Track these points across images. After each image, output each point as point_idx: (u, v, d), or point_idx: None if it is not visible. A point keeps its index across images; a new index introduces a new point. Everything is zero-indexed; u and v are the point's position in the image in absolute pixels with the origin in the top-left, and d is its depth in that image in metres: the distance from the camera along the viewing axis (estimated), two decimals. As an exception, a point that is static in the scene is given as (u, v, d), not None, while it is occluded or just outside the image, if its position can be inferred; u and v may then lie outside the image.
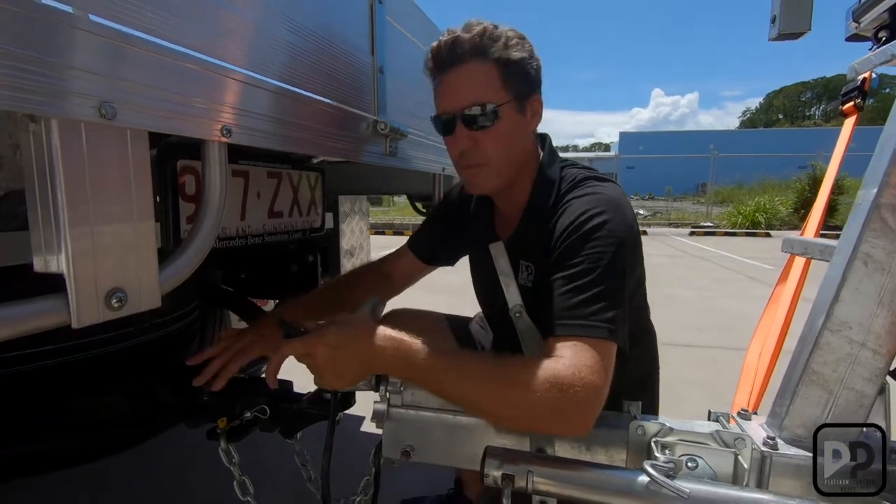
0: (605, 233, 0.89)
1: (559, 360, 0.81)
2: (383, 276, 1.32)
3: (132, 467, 1.88)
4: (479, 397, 0.83)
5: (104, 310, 0.48)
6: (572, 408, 0.79)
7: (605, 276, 0.87)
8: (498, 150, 0.98)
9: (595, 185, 1.00)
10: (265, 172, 1.07)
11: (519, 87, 0.96)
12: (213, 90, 0.60)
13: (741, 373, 1.19)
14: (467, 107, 0.94)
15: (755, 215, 13.42)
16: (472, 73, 0.94)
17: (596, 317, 0.84)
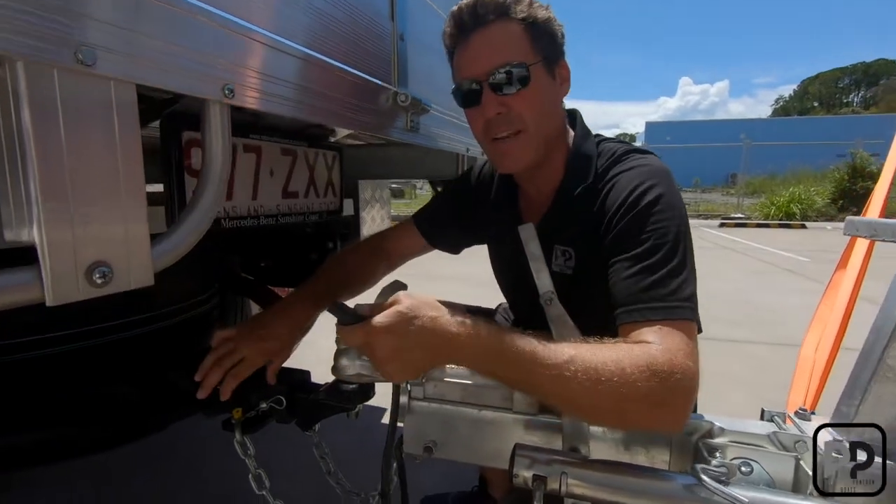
0: (665, 205, 0.83)
1: (650, 345, 0.72)
2: (383, 254, 1.21)
3: (147, 458, 1.88)
4: (574, 393, 0.71)
5: (85, 286, 0.42)
6: (672, 398, 0.70)
7: (675, 252, 0.80)
8: (533, 115, 0.90)
9: (639, 158, 0.92)
10: (279, 149, 1.01)
11: (547, 49, 0.90)
12: (213, 43, 0.54)
13: (796, 368, 1.09)
14: (496, 69, 0.86)
15: (789, 206, 12.94)
16: (499, 33, 0.87)
17: (675, 296, 0.78)
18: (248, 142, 0.93)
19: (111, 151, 0.44)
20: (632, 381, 0.68)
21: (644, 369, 0.69)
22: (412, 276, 1.22)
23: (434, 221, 1.20)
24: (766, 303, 4.52)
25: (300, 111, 0.69)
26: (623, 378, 0.68)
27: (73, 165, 0.41)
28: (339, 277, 1.11)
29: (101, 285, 0.43)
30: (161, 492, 1.72)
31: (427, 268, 1.25)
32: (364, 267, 1.16)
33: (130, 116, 0.46)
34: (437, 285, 4.63)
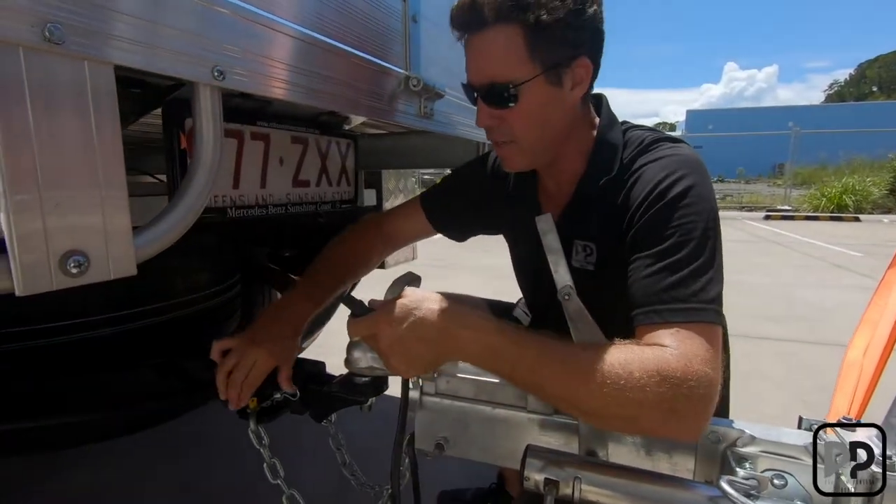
0: (694, 199, 0.76)
1: (664, 349, 0.68)
2: (385, 236, 1.16)
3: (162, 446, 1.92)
4: (579, 395, 0.68)
5: (58, 275, 0.41)
6: (686, 406, 0.65)
7: (701, 249, 0.74)
8: (525, 129, 0.84)
9: (669, 147, 0.85)
10: (289, 137, 0.99)
11: (553, 55, 0.79)
12: (201, 22, 0.51)
13: (840, 373, 1.00)
14: (485, 83, 0.81)
15: (842, 198, 12.22)
16: (492, 42, 0.78)
17: (697, 298, 0.71)
18: (256, 129, 0.91)
19: (86, 136, 0.42)
20: (640, 386, 0.64)
21: (654, 374, 0.65)
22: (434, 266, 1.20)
23: (443, 206, 1.13)
24: (812, 300, 4.28)
25: (300, 95, 0.67)
26: (631, 382, 0.65)
27: (43, 151, 0.40)
28: (338, 265, 1.07)
29: (77, 275, 0.42)
30: (176, 480, 1.75)
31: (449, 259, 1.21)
32: (365, 251, 1.12)
33: (108, 99, 0.44)
34: (458, 277, 4.60)
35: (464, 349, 0.72)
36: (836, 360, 1.02)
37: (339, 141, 1.16)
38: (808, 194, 13.57)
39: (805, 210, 12.48)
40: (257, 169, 0.93)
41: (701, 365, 0.67)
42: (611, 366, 0.66)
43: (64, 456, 1.80)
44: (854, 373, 0.97)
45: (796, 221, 11.27)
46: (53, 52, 0.39)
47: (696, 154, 0.84)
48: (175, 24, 0.49)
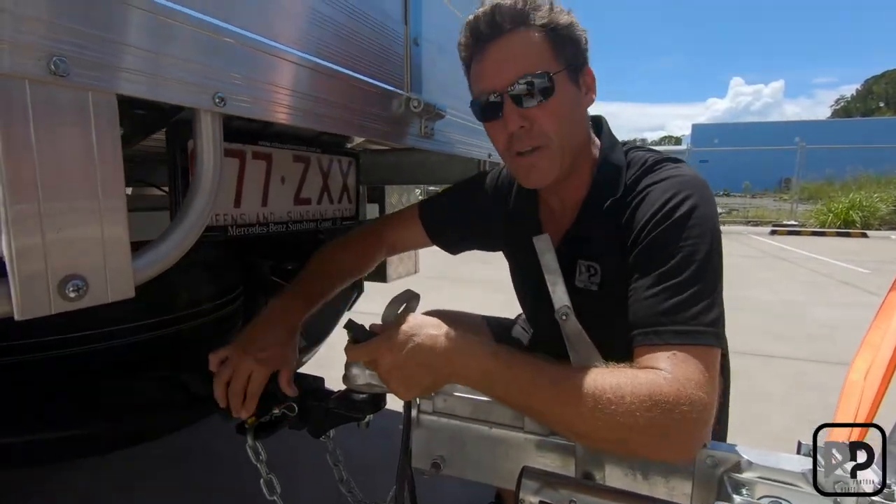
0: (698, 220, 0.78)
1: (658, 372, 0.69)
2: (380, 243, 1.15)
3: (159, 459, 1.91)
4: (570, 418, 0.70)
5: (57, 299, 0.42)
6: (677, 431, 0.67)
7: (703, 272, 0.75)
8: (558, 128, 0.85)
9: (672, 168, 0.87)
10: (291, 156, 1.00)
11: (571, 56, 0.85)
12: (202, 51, 0.53)
13: (841, 396, 0.99)
14: (516, 80, 0.82)
15: (849, 213, 12.13)
16: (519, 42, 0.82)
17: (697, 320, 0.72)
18: (258, 149, 0.93)
19: (88, 163, 0.44)
20: (630, 411, 0.66)
21: (645, 399, 0.66)
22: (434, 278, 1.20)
23: (441, 218, 1.13)
24: (818, 317, 4.24)
25: (302, 119, 0.68)
26: (622, 407, 0.66)
27: (45, 177, 0.41)
28: (331, 270, 1.06)
29: (75, 299, 0.43)
30: (172, 495, 1.75)
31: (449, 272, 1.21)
32: (361, 257, 1.11)
33: (110, 128, 0.45)
34: (459, 289, 4.59)
35: (461, 374, 0.74)
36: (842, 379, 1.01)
37: (341, 159, 1.18)
38: (814, 209, 13.48)
39: (811, 225, 12.40)
40: (259, 188, 0.94)
41: (695, 389, 0.67)
42: (602, 390, 0.67)
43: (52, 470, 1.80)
44: (855, 396, 0.96)
45: (803, 236, 11.20)
46: (58, 84, 0.41)
47: (698, 174, 0.86)
48: (177, 53, 0.50)
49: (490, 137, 0.92)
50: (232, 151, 0.87)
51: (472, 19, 0.84)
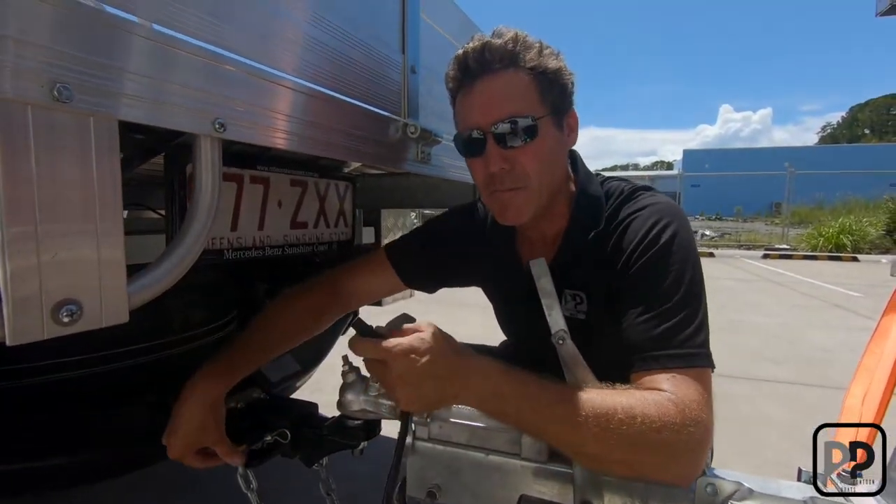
0: (680, 246, 0.81)
1: (663, 394, 0.70)
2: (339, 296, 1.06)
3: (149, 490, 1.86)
4: (583, 439, 0.69)
5: (50, 325, 0.41)
6: (684, 451, 0.68)
7: (690, 296, 0.78)
8: (538, 170, 0.85)
9: (648, 196, 0.90)
10: (288, 180, 1.01)
11: (556, 100, 0.86)
12: (203, 78, 0.53)
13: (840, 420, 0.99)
14: (501, 120, 0.81)
15: (839, 237, 12.28)
16: (506, 82, 0.82)
17: (690, 343, 0.74)
18: (256, 173, 0.93)
19: (87, 190, 0.44)
20: (642, 432, 0.66)
21: (655, 419, 0.66)
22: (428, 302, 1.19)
23: (414, 259, 1.07)
24: (813, 340, 4.24)
25: (301, 145, 0.69)
26: (633, 427, 0.66)
27: (43, 202, 0.41)
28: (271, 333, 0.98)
29: (69, 324, 0.42)
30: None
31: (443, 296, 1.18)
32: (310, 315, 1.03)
33: (110, 153, 0.45)
34: (455, 313, 4.57)
35: (473, 391, 0.71)
36: (839, 402, 1.01)
37: (338, 183, 1.18)
38: (805, 233, 13.64)
39: (803, 249, 12.52)
40: (256, 211, 0.95)
41: (698, 410, 0.68)
42: (614, 410, 0.67)
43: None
44: (853, 420, 0.96)
45: (795, 260, 11.30)
46: (61, 109, 0.41)
47: (672, 201, 0.89)
48: (178, 80, 0.51)
49: (470, 171, 0.92)
50: (230, 175, 0.88)
51: (462, 54, 0.84)
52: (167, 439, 0.89)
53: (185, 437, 0.87)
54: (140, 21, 0.47)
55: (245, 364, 0.93)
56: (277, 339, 0.99)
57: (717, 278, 8.07)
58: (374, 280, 1.08)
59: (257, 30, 0.63)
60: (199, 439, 0.88)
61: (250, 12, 0.62)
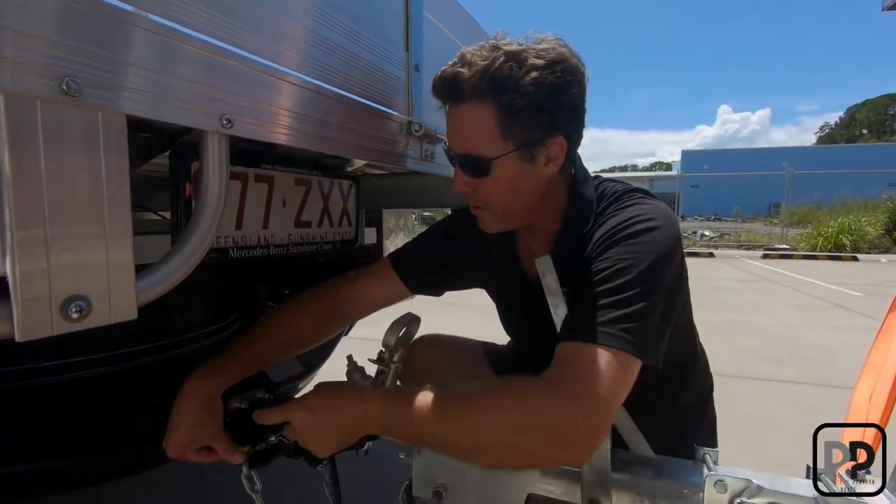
0: (646, 240, 0.78)
1: (559, 368, 0.72)
2: (347, 305, 1.08)
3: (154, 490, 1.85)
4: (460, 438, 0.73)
5: (59, 321, 0.41)
6: (562, 430, 0.68)
7: (637, 283, 0.75)
8: (497, 199, 0.87)
9: (638, 198, 0.88)
10: (292, 179, 1.01)
11: (526, 136, 0.81)
12: (210, 73, 0.53)
13: (847, 418, 0.98)
14: (460, 153, 0.84)
15: (839, 237, 12.29)
16: (467, 117, 0.81)
17: (617, 325, 0.72)
18: (261, 171, 0.93)
19: (95, 182, 0.43)
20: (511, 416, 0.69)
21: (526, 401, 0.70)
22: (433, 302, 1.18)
23: (418, 265, 1.08)
24: (815, 340, 4.24)
25: (307, 141, 0.68)
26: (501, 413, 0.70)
27: (52, 196, 0.40)
28: (273, 338, 0.99)
29: (77, 320, 0.42)
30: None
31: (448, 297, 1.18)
32: (314, 323, 1.04)
33: (119, 148, 0.45)
34: (459, 314, 4.57)
35: (364, 423, 0.78)
36: (842, 402, 1.00)
37: (342, 182, 1.18)
38: (804, 233, 13.65)
39: (803, 249, 12.53)
40: (260, 210, 0.94)
41: (588, 389, 0.68)
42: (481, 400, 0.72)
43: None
44: (860, 419, 0.95)
45: (794, 260, 11.30)
46: (70, 104, 0.41)
47: (666, 208, 0.87)
48: (186, 75, 0.51)
49: None
50: (234, 174, 0.87)
51: (437, 79, 0.83)
52: (166, 439, 0.89)
53: (182, 435, 0.87)
54: (147, 15, 0.47)
55: (241, 366, 0.94)
56: (278, 346, 1.00)
57: (717, 278, 8.07)
58: (378, 289, 1.09)
59: (263, 25, 0.63)
60: (196, 437, 0.88)
61: (256, 8, 0.62)
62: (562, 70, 0.78)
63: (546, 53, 0.78)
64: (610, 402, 0.70)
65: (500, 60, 0.76)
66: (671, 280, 0.79)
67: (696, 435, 1.01)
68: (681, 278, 0.85)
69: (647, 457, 0.89)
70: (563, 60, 0.79)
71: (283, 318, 1.02)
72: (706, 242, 14.93)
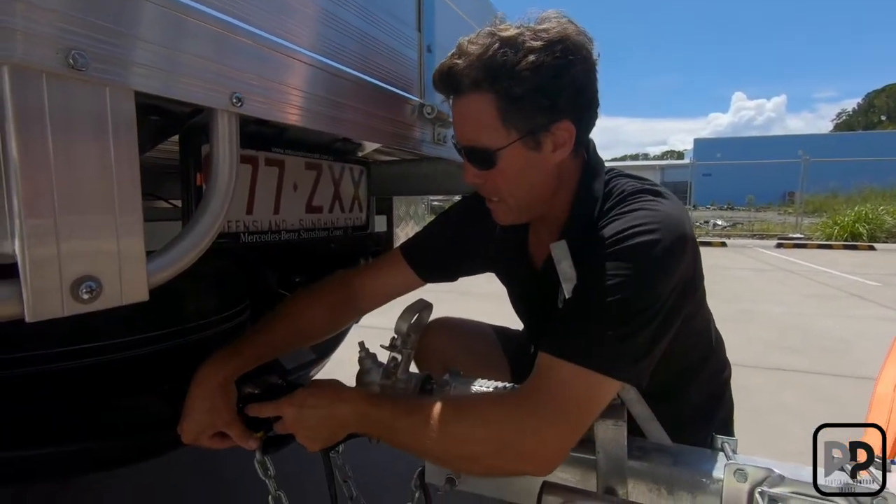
0: (648, 256, 0.73)
1: (533, 384, 0.74)
2: (358, 296, 1.08)
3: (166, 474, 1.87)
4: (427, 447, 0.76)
5: (69, 301, 0.40)
6: (529, 444, 0.71)
7: (625, 303, 0.72)
8: (508, 190, 0.85)
9: (648, 200, 0.81)
10: (303, 163, 0.99)
11: (528, 123, 0.78)
12: (220, 49, 0.52)
13: (870, 408, 0.96)
14: (465, 145, 0.83)
15: (855, 226, 12.06)
16: (470, 108, 0.79)
17: (598, 345, 0.71)
18: (271, 155, 0.92)
19: (104, 161, 0.42)
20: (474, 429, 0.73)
21: (487, 416, 0.73)
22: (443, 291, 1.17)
23: (428, 254, 1.08)
24: (830, 330, 4.17)
25: (317, 122, 0.67)
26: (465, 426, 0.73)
27: (60, 175, 0.39)
28: (288, 328, 0.99)
29: (88, 301, 0.41)
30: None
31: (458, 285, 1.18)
32: (328, 312, 1.04)
33: (127, 125, 0.44)
34: (468, 302, 4.56)
35: (347, 422, 0.81)
36: (858, 392, 0.98)
37: (353, 167, 1.17)
38: (820, 222, 13.42)
39: (818, 238, 12.33)
40: (271, 195, 0.93)
41: (553, 406, 0.70)
42: (447, 413, 0.74)
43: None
44: (885, 407, 0.93)
45: (809, 250, 11.13)
46: (76, 78, 0.40)
47: (678, 210, 0.81)
48: (195, 50, 0.49)
49: None
50: (245, 157, 0.86)
51: (436, 72, 0.81)
52: (180, 424, 0.90)
53: (196, 420, 0.88)
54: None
55: (255, 354, 0.94)
56: (291, 335, 1.00)
57: (731, 268, 7.97)
58: (390, 279, 1.09)
59: (273, 1, 0.61)
60: (210, 422, 0.89)
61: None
62: (562, 50, 0.75)
63: (544, 34, 0.75)
64: (575, 424, 0.72)
65: (494, 48, 0.74)
66: (669, 293, 0.75)
67: (713, 423, 0.99)
68: (686, 286, 0.80)
69: (664, 445, 0.88)
70: (564, 39, 0.75)
71: (296, 307, 1.02)
72: (718, 232, 14.76)
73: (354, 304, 1.08)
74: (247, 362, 0.92)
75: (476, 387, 0.93)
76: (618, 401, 0.84)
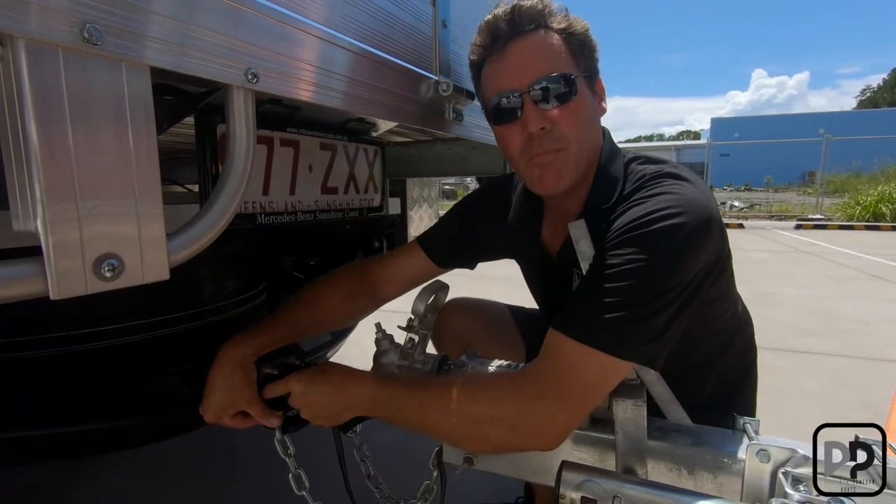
0: (663, 238, 0.72)
1: (542, 363, 0.75)
2: (370, 284, 1.09)
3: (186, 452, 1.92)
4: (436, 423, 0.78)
5: (92, 279, 0.40)
6: (534, 423, 0.73)
7: (643, 288, 0.71)
8: (577, 132, 0.83)
9: (671, 183, 0.79)
10: (318, 143, 0.99)
11: (587, 63, 0.86)
12: (236, 24, 0.51)
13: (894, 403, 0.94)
14: (539, 79, 0.80)
15: (878, 206, 11.76)
16: (539, 42, 0.82)
17: (611, 328, 0.70)
18: (286, 135, 0.91)
19: (122, 140, 0.42)
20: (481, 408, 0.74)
21: (494, 394, 0.74)
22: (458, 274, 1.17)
23: (445, 243, 1.10)
24: (851, 312, 4.10)
25: (333, 99, 0.66)
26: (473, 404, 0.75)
27: (80, 155, 0.39)
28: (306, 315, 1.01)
29: (111, 279, 0.41)
30: (198, 488, 1.74)
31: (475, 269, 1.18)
32: (344, 301, 1.05)
33: (144, 104, 0.43)
34: (484, 285, 4.56)
35: (357, 400, 0.83)
36: (880, 375, 0.96)
37: (367, 148, 1.16)
38: (841, 203, 13.11)
39: (839, 219, 12.06)
40: (287, 175, 0.93)
41: (559, 385, 0.72)
42: (456, 392, 0.75)
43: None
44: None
45: (829, 230, 10.90)
46: (91, 52, 0.39)
47: (703, 193, 0.79)
48: (210, 26, 0.48)
49: (502, 142, 0.89)
50: (260, 137, 0.86)
51: (491, 18, 0.83)
52: (202, 404, 0.92)
53: (217, 400, 0.90)
54: (168, -40, 0.44)
55: (274, 336, 0.96)
56: (310, 320, 1.02)
57: (749, 250, 7.84)
58: (407, 267, 1.11)
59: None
60: (231, 401, 0.90)
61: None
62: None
63: None
64: (583, 403, 0.74)
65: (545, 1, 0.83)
66: (689, 278, 0.73)
67: (735, 405, 0.98)
68: (710, 269, 0.79)
69: (685, 425, 0.87)
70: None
71: (315, 293, 1.04)
72: (735, 213, 14.50)
73: (374, 292, 1.10)
74: (266, 344, 0.94)
75: (492, 368, 0.92)
76: (637, 381, 0.83)
